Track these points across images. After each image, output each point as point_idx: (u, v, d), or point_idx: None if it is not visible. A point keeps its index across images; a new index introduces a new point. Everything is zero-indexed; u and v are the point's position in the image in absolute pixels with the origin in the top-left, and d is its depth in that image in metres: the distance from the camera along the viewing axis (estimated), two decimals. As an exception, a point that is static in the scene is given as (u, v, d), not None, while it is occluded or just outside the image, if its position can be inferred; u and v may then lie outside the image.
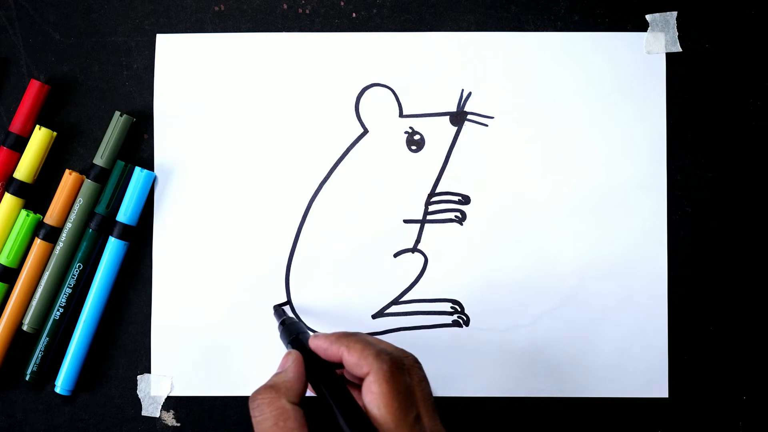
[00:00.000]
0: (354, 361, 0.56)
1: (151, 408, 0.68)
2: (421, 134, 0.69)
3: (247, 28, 0.69)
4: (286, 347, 0.62)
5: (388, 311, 0.69)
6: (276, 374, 0.57)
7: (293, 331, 0.62)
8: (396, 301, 0.69)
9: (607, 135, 0.69)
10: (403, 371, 0.55)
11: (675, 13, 0.69)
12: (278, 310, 0.67)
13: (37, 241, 0.67)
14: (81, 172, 0.68)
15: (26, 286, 0.67)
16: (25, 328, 0.67)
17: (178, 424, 0.68)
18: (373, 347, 0.56)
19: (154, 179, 0.68)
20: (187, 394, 0.68)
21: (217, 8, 0.69)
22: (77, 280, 0.67)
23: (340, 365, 0.57)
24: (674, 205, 0.69)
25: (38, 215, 0.67)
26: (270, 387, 0.56)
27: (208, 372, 0.68)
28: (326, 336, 0.58)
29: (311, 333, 0.61)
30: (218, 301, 0.69)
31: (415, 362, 0.57)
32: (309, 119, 0.69)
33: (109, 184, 0.67)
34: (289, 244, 0.69)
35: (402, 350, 0.57)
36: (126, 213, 0.67)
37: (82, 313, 0.67)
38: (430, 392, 0.56)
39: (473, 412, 0.68)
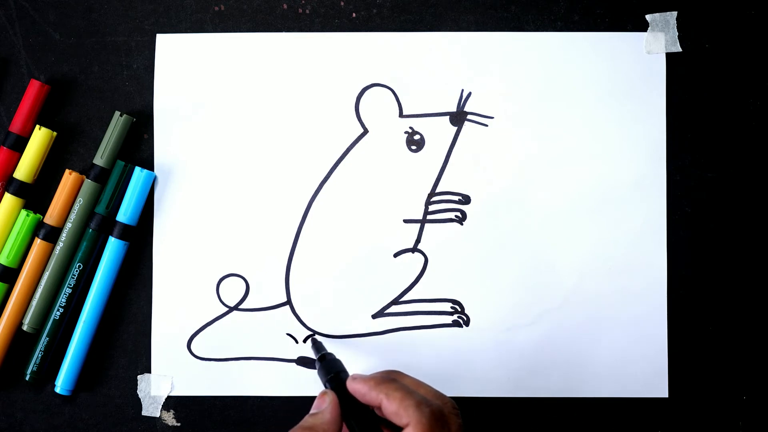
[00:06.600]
0: (393, 410, 0.56)
1: (151, 408, 0.68)
2: (421, 134, 0.69)
3: (247, 28, 0.69)
4: (324, 384, 0.62)
5: (388, 311, 0.69)
6: (312, 415, 0.59)
7: (332, 369, 0.62)
8: (396, 301, 0.69)
9: (607, 135, 0.69)
10: (443, 423, 0.56)
11: (675, 13, 0.69)
12: (316, 343, 0.67)
13: (37, 241, 0.67)
14: (81, 172, 0.68)
15: (26, 286, 0.67)
16: (25, 328, 0.67)
17: (178, 424, 0.68)
18: (413, 397, 0.56)
19: (154, 179, 0.68)
20: (187, 394, 0.68)
21: (217, 8, 0.69)
22: (77, 280, 0.67)
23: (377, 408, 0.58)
24: (674, 205, 0.69)
25: (38, 215, 0.67)
26: (307, 429, 0.57)
27: (208, 372, 0.68)
28: (365, 380, 0.58)
29: (349, 373, 0.62)
30: (218, 301, 0.69)
31: (454, 408, 0.58)
32: (309, 119, 0.69)
33: (109, 184, 0.67)
34: (289, 244, 0.69)
35: (441, 396, 0.58)
36: (126, 213, 0.67)
37: (82, 313, 0.67)
38: None
39: (473, 412, 0.68)
